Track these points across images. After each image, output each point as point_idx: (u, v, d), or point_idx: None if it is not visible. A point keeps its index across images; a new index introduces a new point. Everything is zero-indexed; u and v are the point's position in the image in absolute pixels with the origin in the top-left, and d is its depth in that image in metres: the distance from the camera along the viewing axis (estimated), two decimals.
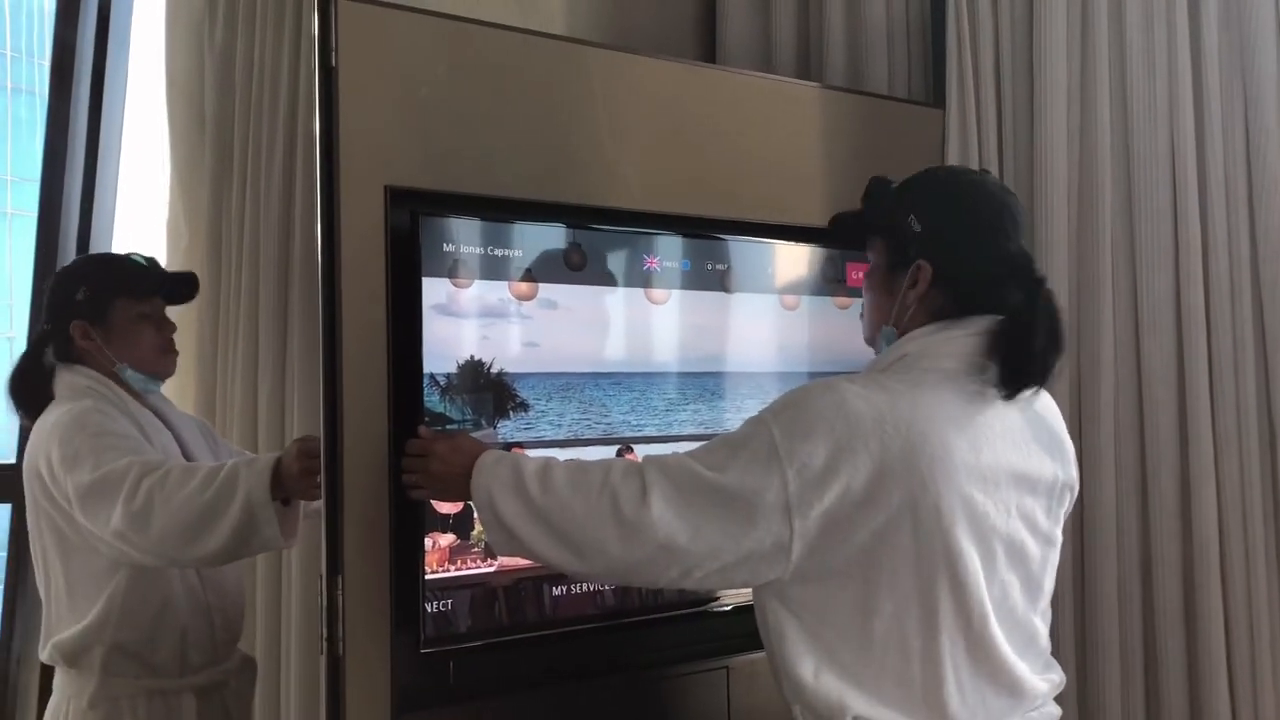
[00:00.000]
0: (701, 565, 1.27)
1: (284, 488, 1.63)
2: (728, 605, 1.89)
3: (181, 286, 1.94)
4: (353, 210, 1.58)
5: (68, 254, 2.31)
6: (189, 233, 2.31)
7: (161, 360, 1.87)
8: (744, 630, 1.84)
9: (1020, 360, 1.30)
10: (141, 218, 2.47)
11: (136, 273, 1.87)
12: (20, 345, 2.13)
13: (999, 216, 1.38)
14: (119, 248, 2.41)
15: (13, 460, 1.85)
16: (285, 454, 1.66)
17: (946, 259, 1.36)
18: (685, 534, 1.26)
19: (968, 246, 1.37)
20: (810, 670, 1.28)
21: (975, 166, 2.30)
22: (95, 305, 1.80)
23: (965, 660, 1.28)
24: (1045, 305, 1.33)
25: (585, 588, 1.75)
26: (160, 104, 2.35)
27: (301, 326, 2.04)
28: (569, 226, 1.78)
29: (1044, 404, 1.41)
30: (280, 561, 2.08)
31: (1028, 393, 1.32)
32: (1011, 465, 1.30)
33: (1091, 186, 2.23)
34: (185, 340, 2.31)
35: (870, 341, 1.48)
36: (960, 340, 1.33)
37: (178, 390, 2.30)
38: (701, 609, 1.87)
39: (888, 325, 1.40)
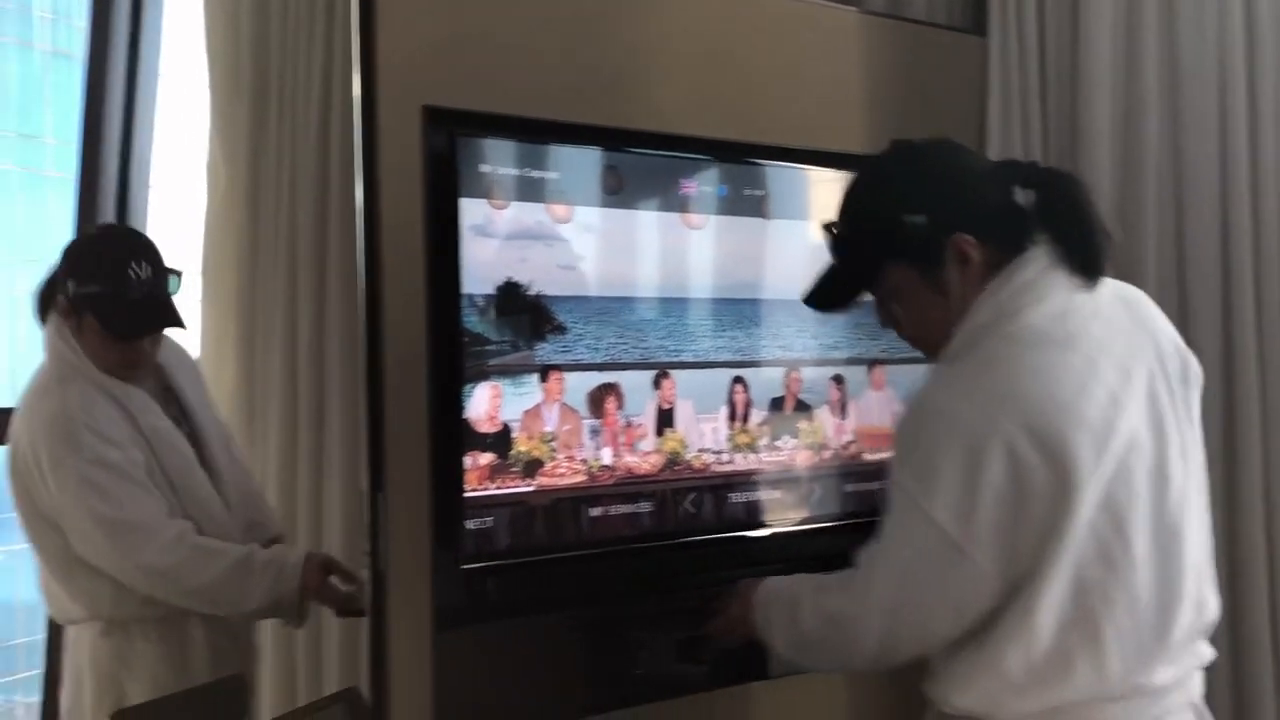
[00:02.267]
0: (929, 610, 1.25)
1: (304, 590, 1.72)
2: (766, 531, 1.90)
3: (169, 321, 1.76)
4: (390, 131, 1.59)
5: (107, 213, 2.34)
6: (227, 173, 2.33)
7: (127, 373, 1.73)
8: (783, 554, 1.87)
9: (1076, 234, 1.24)
10: (179, 164, 2.49)
11: (120, 308, 1.67)
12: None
13: (954, 151, 1.34)
14: (155, 203, 2.43)
15: None
16: (307, 568, 1.72)
17: (967, 214, 1.27)
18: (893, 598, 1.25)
19: (968, 188, 1.30)
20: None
21: (1016, 98, 2.26)
22: (73, 305, 1.69)
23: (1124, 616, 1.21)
24: (1057, 177, 1.30)
25: (623, 509, 1.77)
26: (198, 51, 2.36)
27: (339, 253, 2.06)
28: (606, 149, 1.77)
29: (1133, 306, 1.32)
30: (320, 480, 2.12)
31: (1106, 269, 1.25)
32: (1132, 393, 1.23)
33: (1137, 116, 2.18)
34: (225, 276, 2.34)
35: (936, 353, 1.32)
36: (1033, 286, 1.24)
37: (220, 326, 2.34)
38: (739, 534, 1.89)
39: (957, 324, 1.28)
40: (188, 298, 2.20)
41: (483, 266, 1.64)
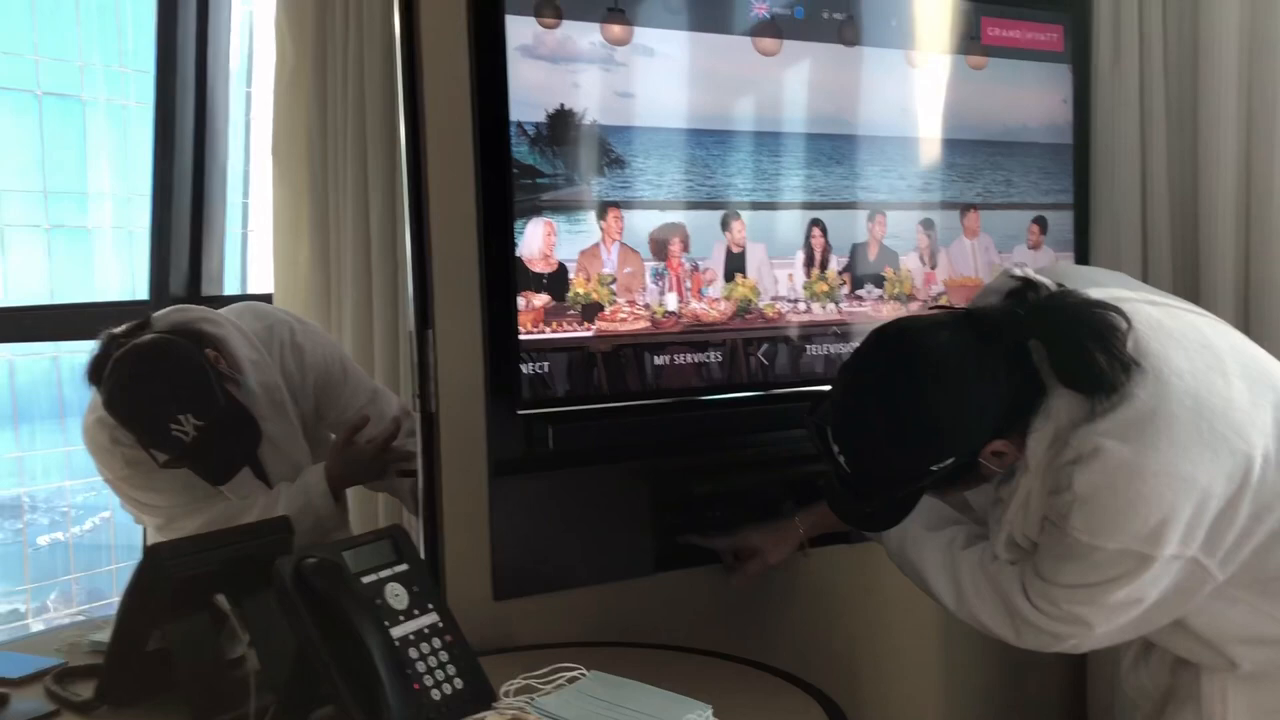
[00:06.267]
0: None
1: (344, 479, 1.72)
2: None
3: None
4: None
5: (184, 141, 2.30)
6: (294, 51, 2.27)
7: None
8: None
9: (1079, 374, 1.17)
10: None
11: (188, 464, 1.62)
12: (142, 238, 2.10)
13: (951, 366, 1.17)
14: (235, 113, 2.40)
15: None
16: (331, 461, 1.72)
17: (991, 428, 1.18)
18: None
19: (983, 405, 1.17)
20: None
21: None
22: None
23: None
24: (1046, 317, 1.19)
25: (689, 358, 1.66)
26: None
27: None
28: None
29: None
30: (396, 350, 2.07)
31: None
32: None
33: None
34: (295, 155, 2.28)
35: None
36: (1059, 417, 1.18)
37: (293, 206, 2.30)
38: (811, 389, 1.76)
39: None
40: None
41: (532, 91, 1.53)
